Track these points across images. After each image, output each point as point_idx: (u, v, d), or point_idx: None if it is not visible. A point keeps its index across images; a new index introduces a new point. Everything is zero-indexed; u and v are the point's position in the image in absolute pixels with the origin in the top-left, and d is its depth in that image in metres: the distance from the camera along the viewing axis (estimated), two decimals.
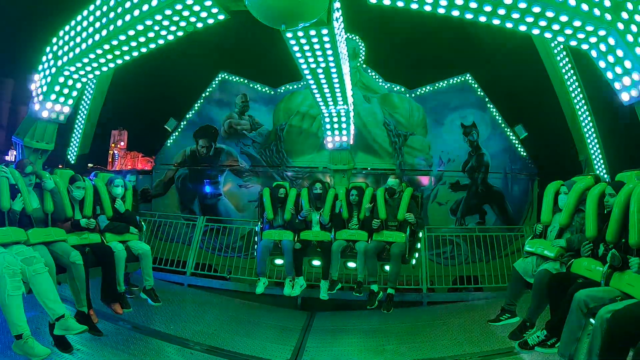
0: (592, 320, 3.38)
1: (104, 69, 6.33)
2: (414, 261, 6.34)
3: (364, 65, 15.99)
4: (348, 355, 5.40)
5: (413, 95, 15.83)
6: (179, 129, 16.65)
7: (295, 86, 16.51)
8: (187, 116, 16.76)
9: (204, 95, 16.81)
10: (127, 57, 6.21)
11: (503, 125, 15.11)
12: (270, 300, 7.56)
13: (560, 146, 11.91)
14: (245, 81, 16.75)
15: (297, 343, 5.75)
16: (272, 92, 16.53)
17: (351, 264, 6.57)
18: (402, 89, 15.90)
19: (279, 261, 6.79)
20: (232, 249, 10.02)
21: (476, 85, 15.38)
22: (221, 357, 5.13)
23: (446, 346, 5.35)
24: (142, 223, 5.82)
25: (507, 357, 4.61)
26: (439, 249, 10.49)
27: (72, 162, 12.96)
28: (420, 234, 6.56)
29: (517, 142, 14.92)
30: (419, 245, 6.50)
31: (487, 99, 15.27)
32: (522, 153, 14.97)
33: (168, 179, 16.38)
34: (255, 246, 6.80)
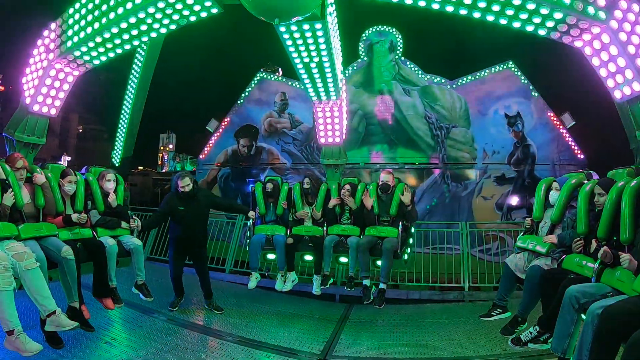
0: (583, 316, 3.42)
1: (96, 62, 6.27)
2: (405, 256, 6.35)
3: (402, 58, 15.71)
4: (383, 349, 5.29)
5: (454, 86, 15.44)
6: (220, 129, 16.73)
7: None
8: (228, 116, 16.80)
9: (243, 95, 16.83)
10: (119, 50, 6.16)
11: (549, 114, 14.62)
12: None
13: (609, 134, 11.22)
14: (284, 79, 16.65)
15: (331, 335, 5.73)
16: None
17: (343, 259, 6.57)
18: (443, 80, 15.53)
19: (271, 256, 6.78)
20: None
21: (519, 73, 14.95)
22: (252, 347, 5.19)
23: (486, 344, 5.20)
24: (135, 218, 5.77)
25: (548, 358, 4.37)
26: (483, 245, 10.23)
27: (117, 164, 12.96)
28: (413, 229, 6.57)
29: (564, 131, 14.36)
30: (411, 241, 6.51)
31: (531, 87, 14.81)
32: (570, 143, 14.40)
33: (211, 178, 16.49)
34: (248, 241, 6.77)
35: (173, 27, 6.01)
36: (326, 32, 6.60)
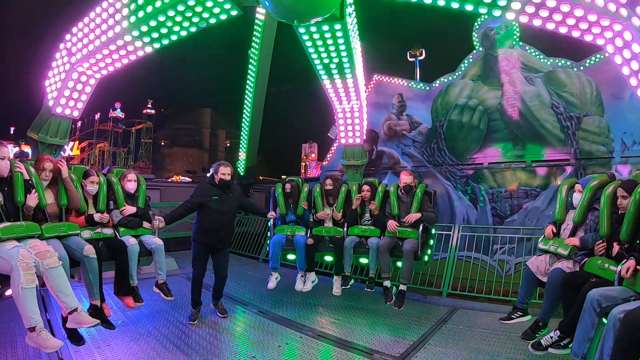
0: (604, 320, 3.34)
1: (117, 65, 6.36)
2: (426, 257, 6.29)
3: (521, 43, 14.56)
4: None
5: (582, 68, 13.62)
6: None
7: (450, 78, 15.45)
8: None
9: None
10: (140, 53, 6.24)
11: None
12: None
13: None
14: (400, 81, 16.17)
15: (419, 338, 5.39)
16: (428, 88, 15.65)
17: (363, 260, 6.54)
18: (568, 63, 13.88)
19: (291, 256, 6.78)
20: None
21: None
22: (327, 342, 5.19)
23: None
24: (158, 218, 5.78)
25: None
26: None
27: (242, 173, 13.14)
28: (433, 231, 6.51)
29: None
30: (431, 242, 6.45)
31: None
32: None
33: None
34: (268, 241, 6.79)
35: (193, 29, 6.07)
36: (345, 32, 6.62)
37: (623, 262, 3.52)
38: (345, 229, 6.56)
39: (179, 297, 6.62)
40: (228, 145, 78.01)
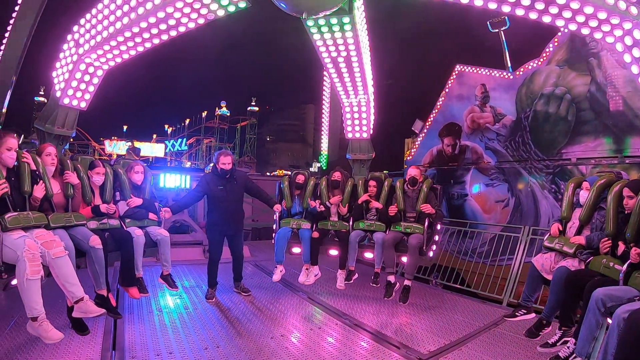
0: (609, 320, 3.34)
1: (125, 56, 6.35)
2: (431, 253, 6.27)
3: None
4: None
5: None
6: (425, 129, 16.23)
7: (534, 64, 14.16)
8: (432, 115, 16.20)
9: (444, 92, 16.01)
10: (148, 45, 6.23)
11: None
12: None
13: None
14: (483, 70, 15.32)
15: (459, 338, 4.99)
16: (511, 77, 14.53)
17: (368, 255, 6.54)
18: None
19: (296, 249, 6.78)
20: (477, 254, 9.06)
21: None
22: (360, 332, 5.16)
23: None
24: (165, 209, 5.82)
25: None
26: None
27: (324, 167, 13.29)
28: (439, 227, 6.49)
29: None
30: (437, 238, 6.43)
31: None
32: None
33: None
34: (274, 234, 6.80)
35: (201, 21, 6.05)
36: (354, 26, 6.58)
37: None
38: (350, 223, 6.56)
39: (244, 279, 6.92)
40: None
